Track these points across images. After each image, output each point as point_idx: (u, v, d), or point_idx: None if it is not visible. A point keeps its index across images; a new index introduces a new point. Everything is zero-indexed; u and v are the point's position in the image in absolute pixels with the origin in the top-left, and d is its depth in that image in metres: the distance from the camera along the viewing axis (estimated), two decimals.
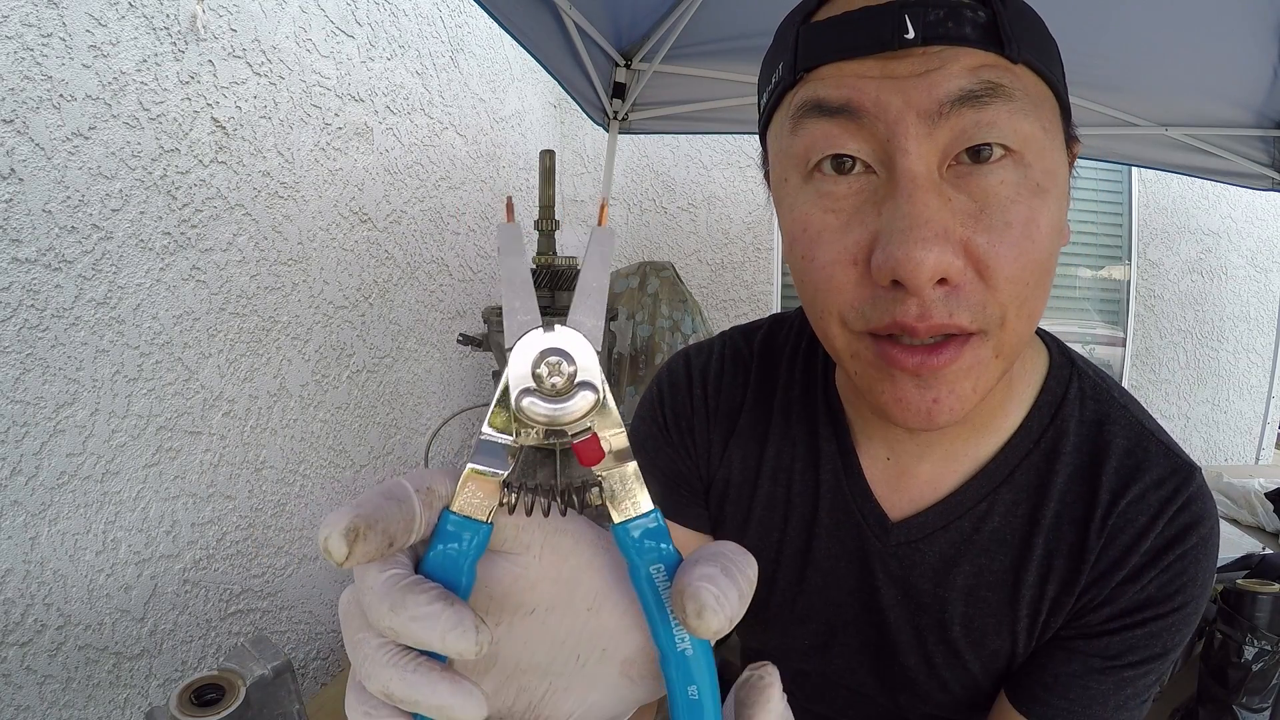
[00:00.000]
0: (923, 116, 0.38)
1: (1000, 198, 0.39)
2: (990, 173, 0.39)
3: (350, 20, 1.66)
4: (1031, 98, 0.40)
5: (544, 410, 0.22)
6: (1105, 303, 3.05)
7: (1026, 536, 0.52)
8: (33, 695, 1.07)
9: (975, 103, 0.38)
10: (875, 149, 0.40)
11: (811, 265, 0.43)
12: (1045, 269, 0.41)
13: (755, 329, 0.65)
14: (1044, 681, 0.51)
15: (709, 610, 0.21)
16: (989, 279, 0.39)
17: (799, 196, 0.44)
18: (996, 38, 0.38)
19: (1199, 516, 0.49)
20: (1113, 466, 0.50)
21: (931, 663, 0.56)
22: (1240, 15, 1.52)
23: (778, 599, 0.61)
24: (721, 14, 1.75)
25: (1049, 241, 0.41)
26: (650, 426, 0.65)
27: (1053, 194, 0.41)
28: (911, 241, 0.37)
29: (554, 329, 0.22)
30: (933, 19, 0.38)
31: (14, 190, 1.00)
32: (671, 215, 3.07)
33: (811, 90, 0.42)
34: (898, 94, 0.39)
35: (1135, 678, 0.49)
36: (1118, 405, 0.53)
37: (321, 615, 1.71)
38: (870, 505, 0.56)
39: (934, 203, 0.38)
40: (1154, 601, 0.49)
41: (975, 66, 0.38)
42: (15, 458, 1.03)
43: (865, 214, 0.41)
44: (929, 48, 0.38)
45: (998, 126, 0.38)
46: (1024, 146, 0.39)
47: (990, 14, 0.39)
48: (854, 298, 0.42)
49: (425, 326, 2.05)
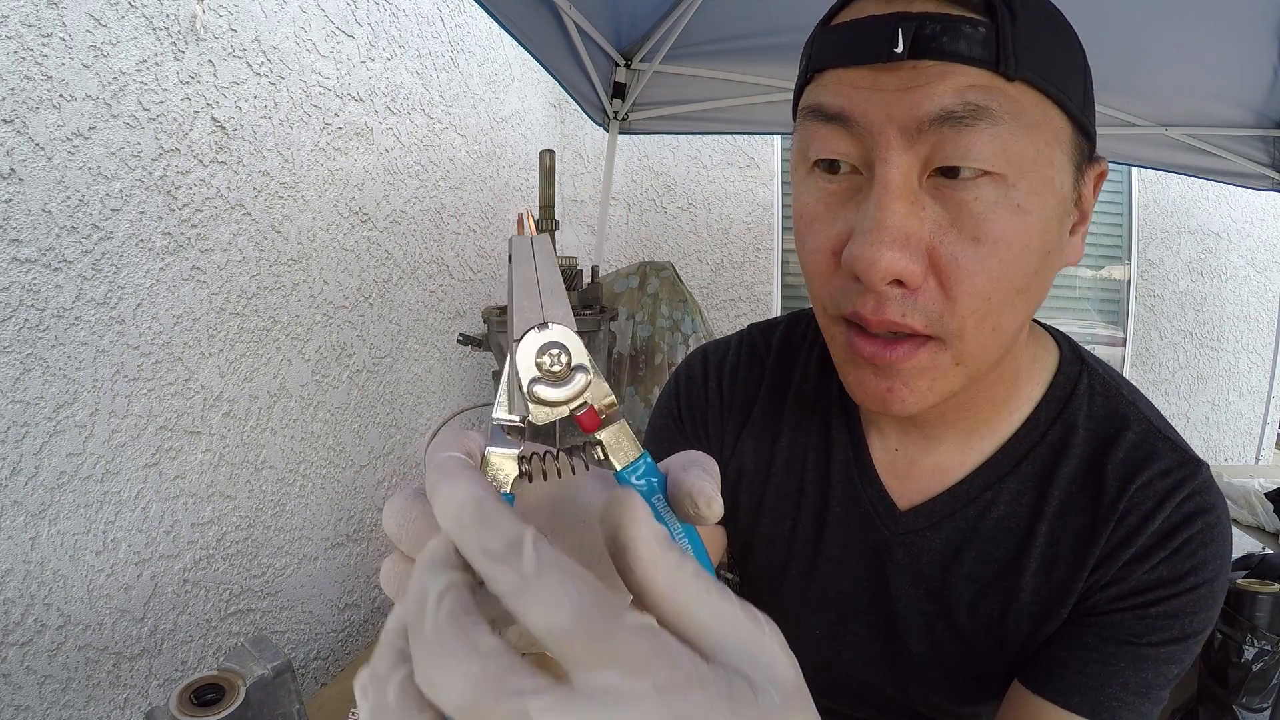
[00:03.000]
0: (903, 131, 0.40)
1: (973, 214, 0.40)
2: (965, 189, 0.40)
3: (350, 20, 1.66)
4: (1025, 118, 0.40)
5: (552, 393, 0.26)
6: (1105, 303, 3.05)
7: (1030, 525, 0.52)
8: (33, 695, 1.07)
9: (956, 124, 0.39)
10: (862, 154, 0.42)
11: (803, 250, 0.47)
12: (1017, 287, 0.42)
13: (774, 325, 0.67)
14: (1059, 657, 0.51)
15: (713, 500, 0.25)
16: (949, 290, 0.41)
17: (802, 186, 0.47)
18: (994, 54, 0.38)
19: (1205, 505, 0.49)
20: (1119, 458, 0.51)
21: (940, 651, 0.56)
22: (1240, 15, 1.52)
23: (790, 587, 0.61)
24: (721, 14, 1.75)
25: (1023, 261, 0.41)
26: (665, 419, 0.67)
27: (1036, 215, 0.41)
28: (870, 242, 0.40)
29: (548, 327, 0.26)
30: (927, 33, 0.38)
31: (14, 190, 1.00)
32: (671, 215, 3.07)
33: (815, 94, 0.44)
34: (882, 107, 0.40)
35: (1155, 658, 0.49)
36: (1127, 402, 0.54)
37: (321, 615, 1.71)
38: (879, 494, 0.57)
39: (902, 210, 0.40)
40: (1165, 582, 0.49)
41: (963, 86, 0.39)
42: (15, 458, 1.03)
43: (847, 209, 0.44)
44: (919, 62, 0.39)
45: (974, 151, 0.39)
46: (1006, 168, 0.40)
47: (992, 28, 0.38)
48: (829, 285, 0.45)
49: (425, 326, 2.05)
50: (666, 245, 3.08)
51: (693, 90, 2.06)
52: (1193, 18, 1.53)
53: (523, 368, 0.26)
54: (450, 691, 0.17)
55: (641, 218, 3.08)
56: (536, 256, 0.28)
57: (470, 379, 2.31)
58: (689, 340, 2.35)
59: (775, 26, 1.75)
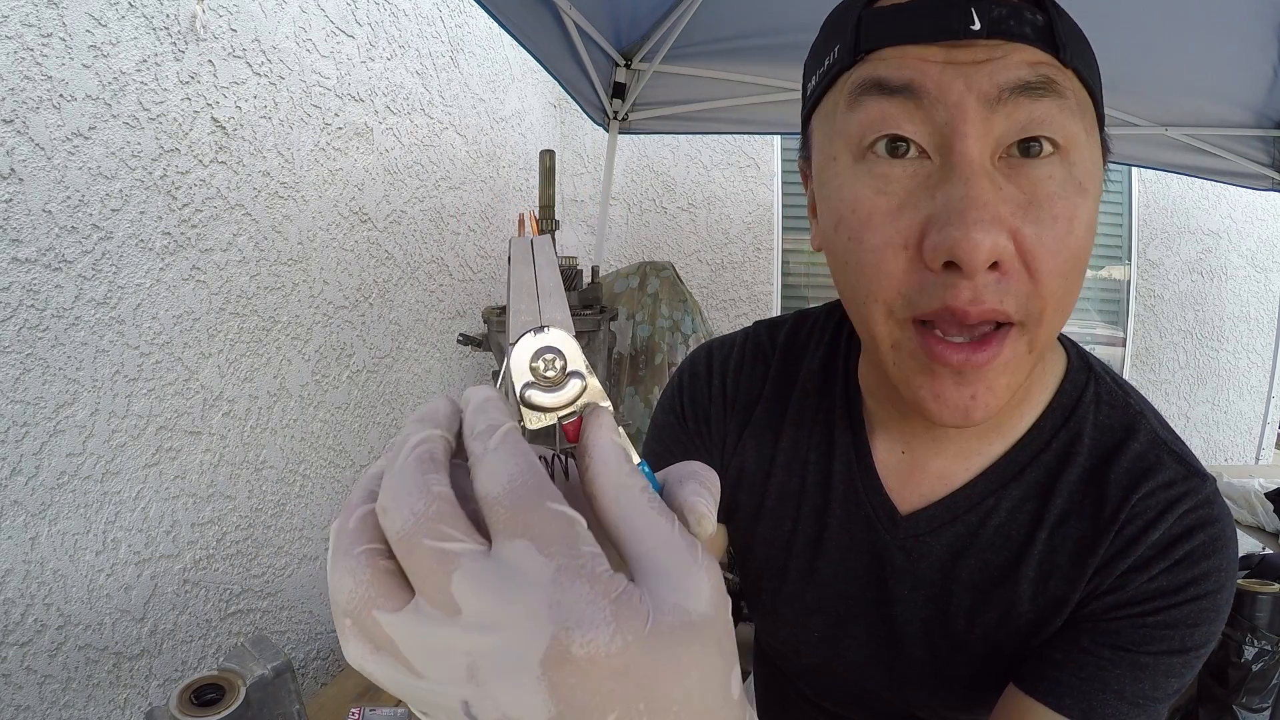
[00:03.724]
0: (982, 101, 0.40)
1: (1047, 192, 0.40)
2: (1039, 167, 0.40)
3: (350, 20, 1.66)
4: (1078, 101, 0.42)
5: (544, 398, 0.26)
6: (1105, 303, 3.05)
7: (1030, 533, 0.52)
8: (33, 695, 1.07)
9: (1032, 94, 0.40)
10: (932, 132, 0.41)
11: (860, 248, 0.43)
12: (1083, 265, 0.43)
13: (780, 323, 0.66)
14: (1054, 660, 0.50)
15: (706, 518, 0.25)
16: (1034, 271, 0.40)
17: (849, 176, 0.44)
18: (1052, 41, 0.40)
19: (1209, 518, 0.49)
20: (1123, 468, 0.50)
21: (937, 656, 0.56)
22: (1240, 15, 1.52)
23: (789, 589, 0.61)
24: (721, 14, 1.75)
25: (1087, 239, 0.42)
26: (668, 416, 0.66)
27: (1091, 194, 0.42)
28: (970, 222, 0.38)
29: (545, 331, 0.26)
30: (996, 15, 0.40)
31: (14, 190, 1.00)
32: (671, 215, 3.07)
33: (872, 69, 0.42)
34: (960, 77, 0.40)
35: (1152, 668, 0.48)
36: (1133, 412, 0.53)
37: (321, 615, 1.71)
38: (880, 497, 0.56)
39: (989, 188, 0.39)
40: (1165, 592, 0.48)
41: (1034, 62, 0.40)
42: (15, 458, 1.03)
43: (919, 198, 0.41)
44: (992, 40, 0.40)
45: (1050, 122, 0.40)
46: (1070, 144, 0.41)
47: (1047, 19, 0.40)
48: (902, 283, 0.42)
49: (425, 326, 2.05)
50: (666, 245, 3.08)
51: (693, 90, 2.06)
52: (1193, 18, 1.53)
53: (516, 372, 0.25)
54: (395, 519, 0.20)
55: (641, 218, 3.08)
56: (536, 258, 0.28)
57: (470, 379, 2.31)
58: (689, 340, 2.35)
59: (775, 26, 1.75)
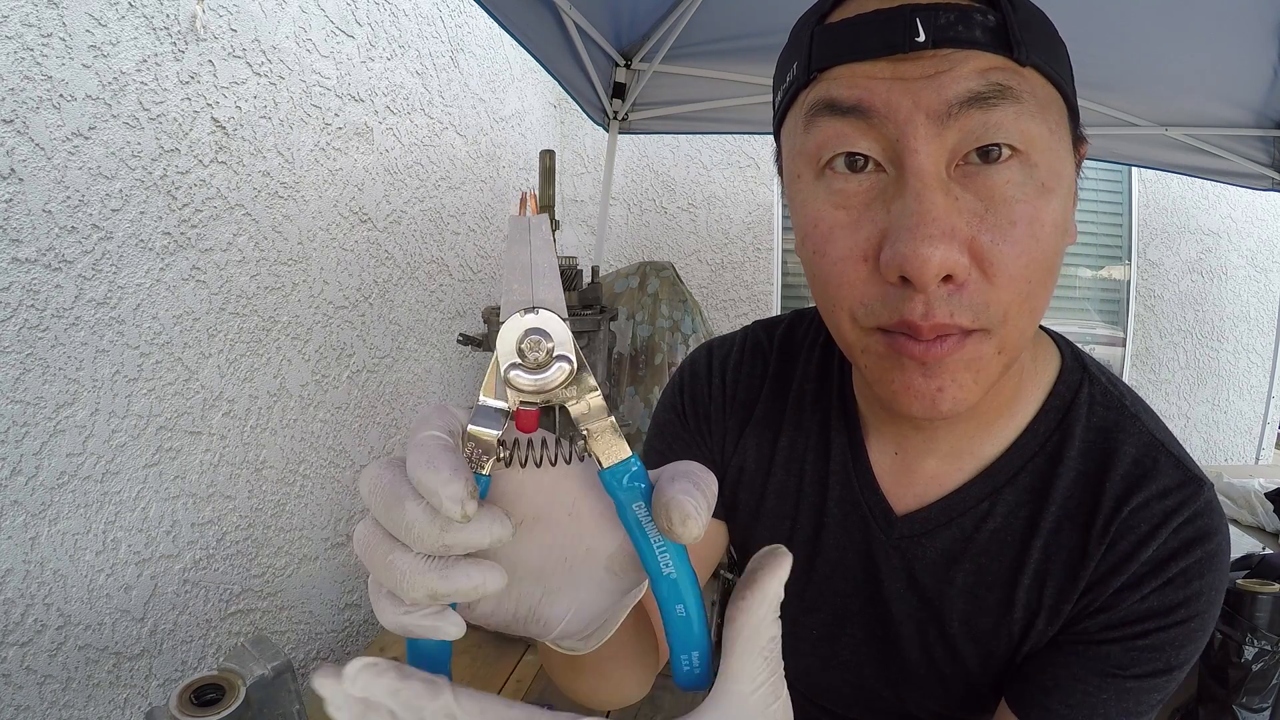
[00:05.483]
0: (932, 117, 0.39)
1: (1006, 197, 0.40)
2: (997, 172, 0.40)
3: (350, 20, 1.66)
4: (1038, 100, 0.41)
5: (527, 380, 0.25)
6: (1105, 303, 3.04)
7: (1026, 539, 0.52)
8: (33, 695, 1.07)
9: (983, 104, 0.39)
10: (885, 148, 0.41)
11: (823, 260, 0.44)
12: (1049, 267, 0.42)
13: (777, 322, 0.67)
14: (1044, 685, 0.51)
15: (691, 519, 0.24)
16: (992, 276, 0.40)
17: (811, 193, 0.44)
18: (1005, 41, 0.39)
19: (1206, 531, 0.48)
20: (1119, 474, 0.50)
21: (932, 658, 0.56)
22: (1240, 15, 1.52)
23: (788, 588, 0.61)
24: (721, 14, 1.75)
25: (1053, 240, 0.41)
26: (669, 414, 0.66)
27: (1057, 194, 0.41)
28: (919, 238, 0.38)
29: (536, 313, 0.26)
30: (943, 22, 0.39)
31: (14, 190, 1.00)
32: (671, 215, 3.07)
33: (824, 90, 0.42)
34: (907, 95, 0.39)
35: (1138, 690, 0.48)
36: (1129, 414, 0.52)
37: (321, 615, 1.71)
38: (876, 498, 0.56)
39: (941, 201, 0.39)
40: (1155, 613, 0.48)
41: (984, 69, 0.39)
42: (15, 458, 1.03)
43: (875, 211, 0.41)
44: (939, 50, 0.39)
45: (1004, 128, 0.39)
46: (1030, 147, 0.40)
47: (1000, 18, 0.39)
48: (863, 294, 0.43)
49: (425, 326, 2.05)
50: (666, 245, 3.08)
51: (693, 90, 2.06)
52: (1193, 17, 1.53)
53: (503, 352, 0.25)
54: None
55: (641, 218, 3.08)
56: (531, 238, 0.27)
57: (470, 379, 2.31)
58: (689, 340, 2.35)
59: (775, 26, 1.75)
